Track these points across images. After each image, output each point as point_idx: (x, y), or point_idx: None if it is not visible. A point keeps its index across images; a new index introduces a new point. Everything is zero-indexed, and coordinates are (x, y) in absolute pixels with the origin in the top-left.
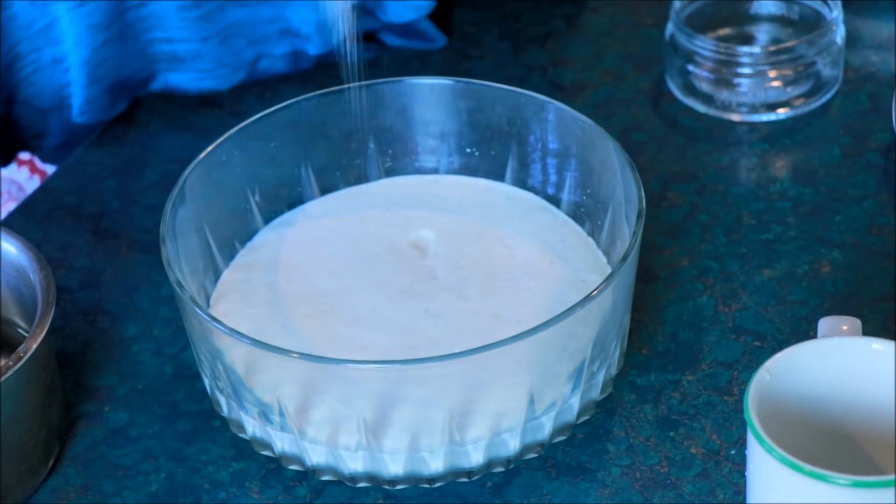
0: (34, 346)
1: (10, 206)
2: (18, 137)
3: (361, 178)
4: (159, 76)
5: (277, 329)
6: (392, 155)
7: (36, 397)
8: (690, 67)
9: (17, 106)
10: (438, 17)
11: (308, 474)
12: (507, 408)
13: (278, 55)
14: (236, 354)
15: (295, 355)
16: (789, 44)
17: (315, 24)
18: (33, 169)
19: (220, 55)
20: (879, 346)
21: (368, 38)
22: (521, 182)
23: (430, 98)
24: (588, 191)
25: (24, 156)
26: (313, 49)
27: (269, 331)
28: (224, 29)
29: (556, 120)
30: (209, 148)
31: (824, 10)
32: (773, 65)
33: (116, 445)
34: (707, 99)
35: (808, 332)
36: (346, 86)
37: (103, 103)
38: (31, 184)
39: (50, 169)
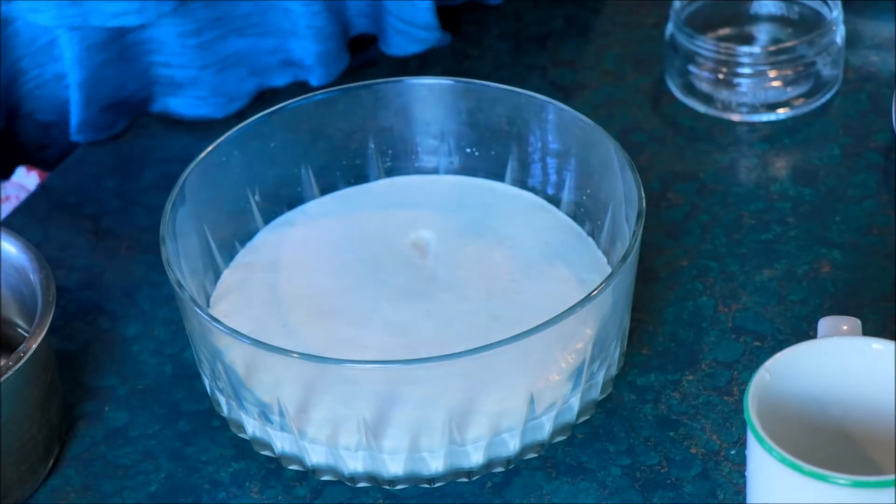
0: (34, 346)
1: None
2: (19, 151)
3: (361, 178)
4: (158, 99)
5: (277, 329)
6: (392, 155)
7: (36, 397)
8: (690, 67)
9: (20, 121)
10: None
11: (308, 474)
12: (507, 408)
13: (279, 86)
14: (236, 354)
15: (295, 355)
16: (789, 44)
17: (317, 56)
18: (42, 175)
19: (217, 84)
20: (879, 346)
21: (370, 41)
22: (521, 182)
23: (430, 98)
24: (588, 191)
25: None
26: (315, 80)
27: (269, 331)
28: (224, 59)
29: (556, 120)
30: (209, 148)
31: (824, 10)
32: (773, 65)
33: (116, 445)
34: (707, 99)
35: (808, 332)
36: (345, 86)
37: (101, 123)
38: None
39: None
